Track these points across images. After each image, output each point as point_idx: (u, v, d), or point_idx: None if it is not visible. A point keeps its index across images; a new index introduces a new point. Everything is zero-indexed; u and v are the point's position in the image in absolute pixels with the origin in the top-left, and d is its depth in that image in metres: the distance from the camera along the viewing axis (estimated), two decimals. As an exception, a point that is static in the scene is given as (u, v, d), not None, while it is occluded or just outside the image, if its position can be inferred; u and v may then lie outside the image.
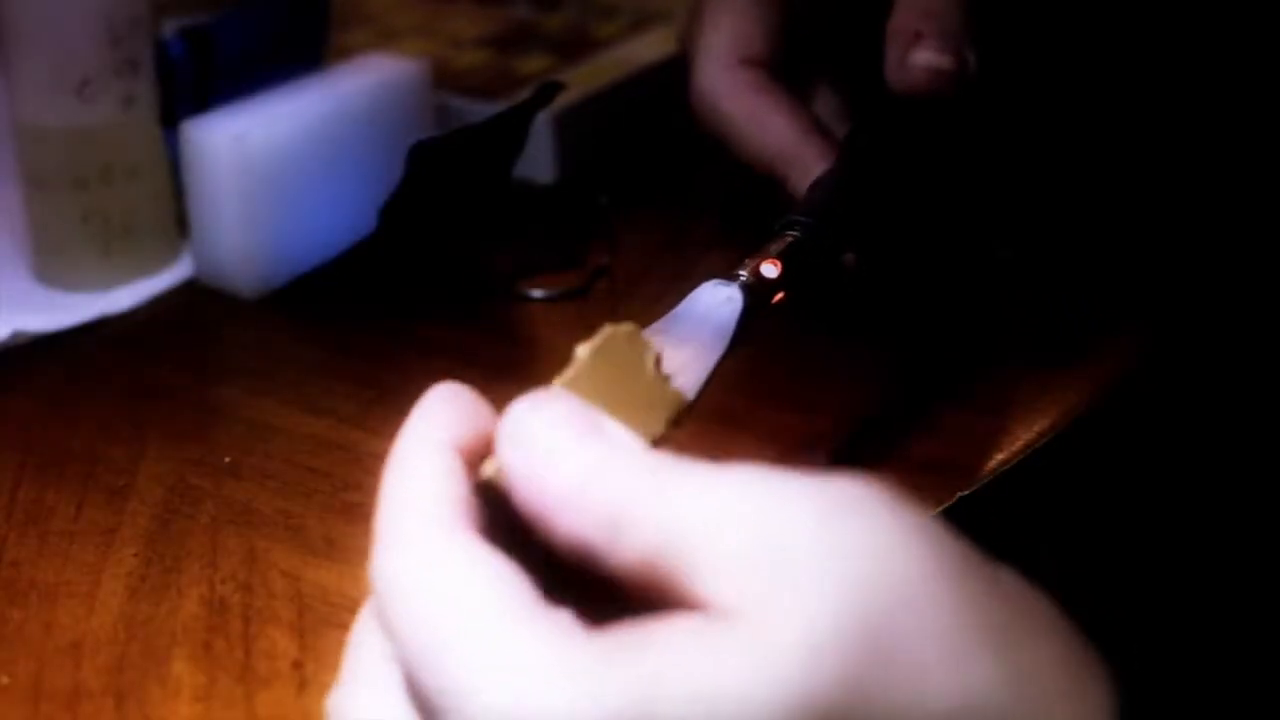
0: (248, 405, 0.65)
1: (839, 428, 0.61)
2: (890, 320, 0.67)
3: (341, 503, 0.58)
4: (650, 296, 0.70)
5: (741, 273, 0.54)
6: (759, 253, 0.55)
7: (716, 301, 0.54)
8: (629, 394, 0.45)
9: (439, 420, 0.42)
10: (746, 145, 0.64)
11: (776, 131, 0.63)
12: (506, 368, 0.67)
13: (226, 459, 0.61)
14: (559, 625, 0.36)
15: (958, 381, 0.63)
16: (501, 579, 0.37)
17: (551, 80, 0.72)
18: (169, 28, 0.74)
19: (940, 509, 0.56)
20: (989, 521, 0.58)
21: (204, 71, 0.73)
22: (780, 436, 0.61)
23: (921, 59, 0.61)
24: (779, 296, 0.55)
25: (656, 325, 0.55)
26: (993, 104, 0.66)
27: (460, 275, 0.72)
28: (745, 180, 0.74)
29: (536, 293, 0.71)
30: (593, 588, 0.38)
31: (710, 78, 0.65)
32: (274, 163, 0.70)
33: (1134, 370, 0.64)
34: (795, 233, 0.57)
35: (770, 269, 0.55)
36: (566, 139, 0.79)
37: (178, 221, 0.73)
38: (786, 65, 0.65)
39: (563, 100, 0.75)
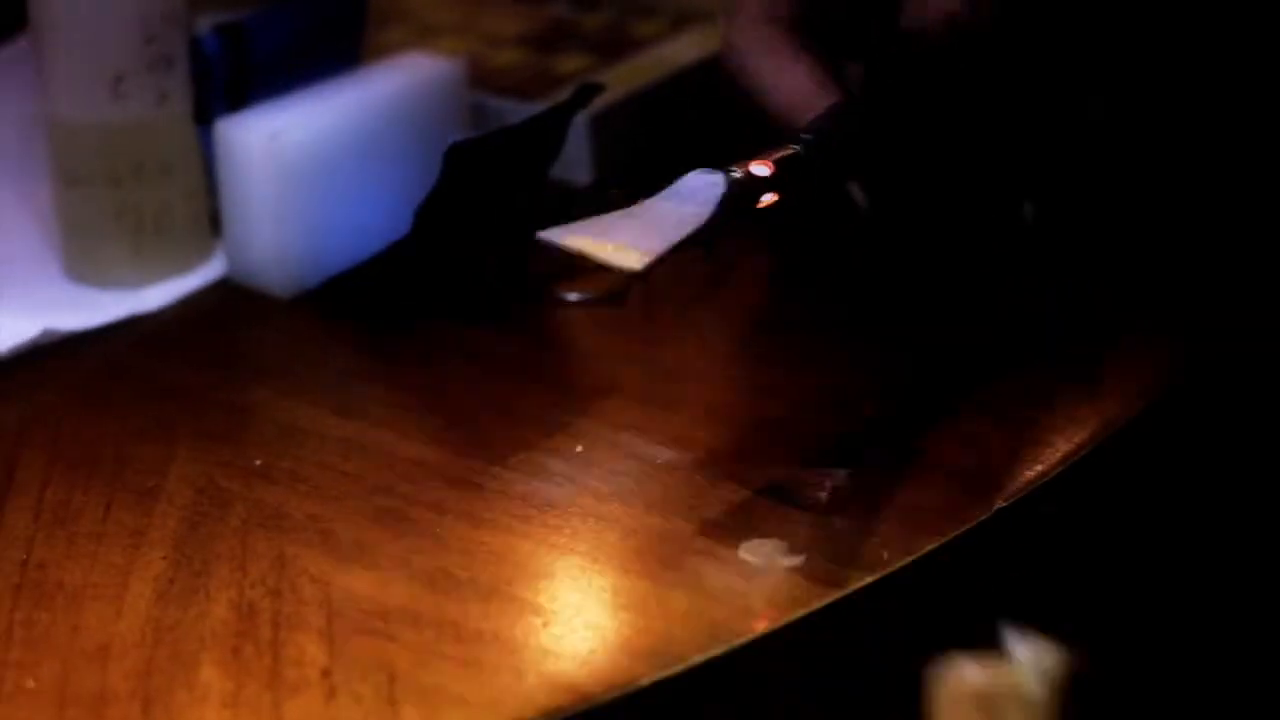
0: (279, 407, 0.64)
1: (868, 433, 0.60)
2: (907, 290, 0.67)
3: (373, 507, 0.58)
4: (687, 300, 0.69)
5: (733, 168, 0.55)
6: (755, 155, 0.56)
7: (699, 185, 0.54)
8: None
9: None
10: (767, 96, 0.64)
11: (795, 83, 0.64)
12: (541, 372, 0.66)
13: (257, 461, 0.60)
14: None
15: (994, 390, 0.62)
16: None
17: (590, 82, 0.72)
18: (204, 24, 0.74)
19: (978, 522, 0.56)
20: (1025, 535, 0.58)
21: (239, 69, 0.73)
22: (808, 440, 0.60)
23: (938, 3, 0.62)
24: (768, 200, 0.56)
25: (634, 208, 0.54)
26: (1016, 55, 0.66)
27: (495, 278, 0.71)
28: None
29: (572, 296, 0.70)
30: None
31: (739, 32, 0.66)
32: (309, 162, 0.69)
33: (1174, 382, 0.63)
34: (795, 147, 0.57)
35: (761, 168, 0.56)
36: (604, 140, 0.79)
37: (210, 220, 0.73)
38: (811, 28, 0.66)
39: (601, 101, 0.74)
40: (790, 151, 0.57)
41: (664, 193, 0.54)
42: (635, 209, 0.54)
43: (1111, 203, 0.72)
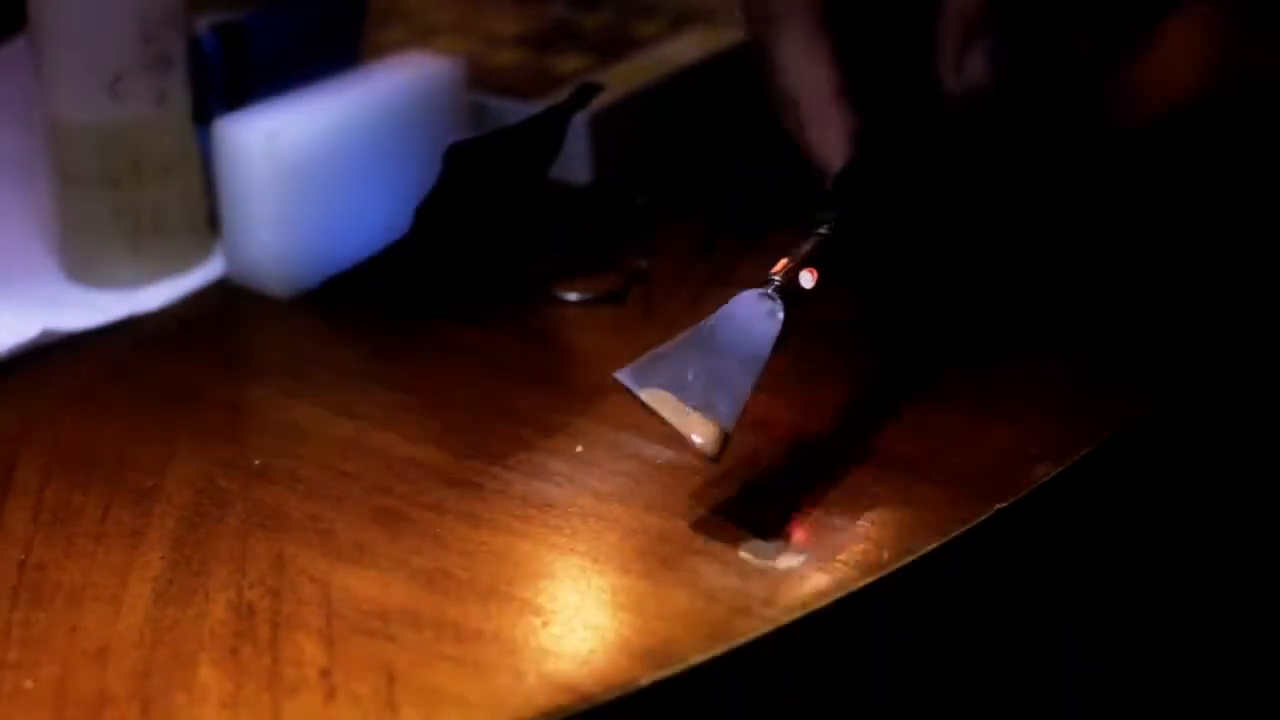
0: (278, 407, 0.64)
1: (866, 436, 0.60)
2: (907, 293, 0.67)
3: (372, 507, 0.58)
4: (687, 300, 0.69)
5: (776, 277, 0.55)
6: (794, 258, 0.56)
7: (757, 315, 0.54)
8: None
9: None
10: (777, 78, 0.64)
11: (814, 82, 0.63)
12: (541, 372, 0.66)
13: (256, 461, 0.60)
14: None
15: (993, 390, 0.62)
16: None
17: (589, 82, 0.72)
18: (203, 24, 0.74)
19: (978, 522, 0.55)
20: (1023, 537, 0.58)
21: (238, 68, 0.73)
22: (811, 443, 0.60)
23: (974, 66, 0.61)
24: (810, 283, 0.56)
25: (691, 334, 0.54)
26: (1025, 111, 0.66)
27: (495, 278, 0.71)
28: (784, 183, 0.73)
29: (572, 296, 0.70)
30: None
31: (780, 3, 0.65)
32: (308, 161, 0.69)
33: (1175, 388, 0.63)
34: (822, 230, 0.57)
35: (808, 279, 0.55)
36: (604, 140, 0.78)
37: (209, 220, 0.73)
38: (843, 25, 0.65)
39: (600, 100, 0.74)
40: (820, 239, 0.57)
41: (720, 317, 0.55)
42: (696, 340, 0.54)
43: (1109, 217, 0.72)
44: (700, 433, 0.54)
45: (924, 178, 0.63)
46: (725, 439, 0.54)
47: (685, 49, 0.84)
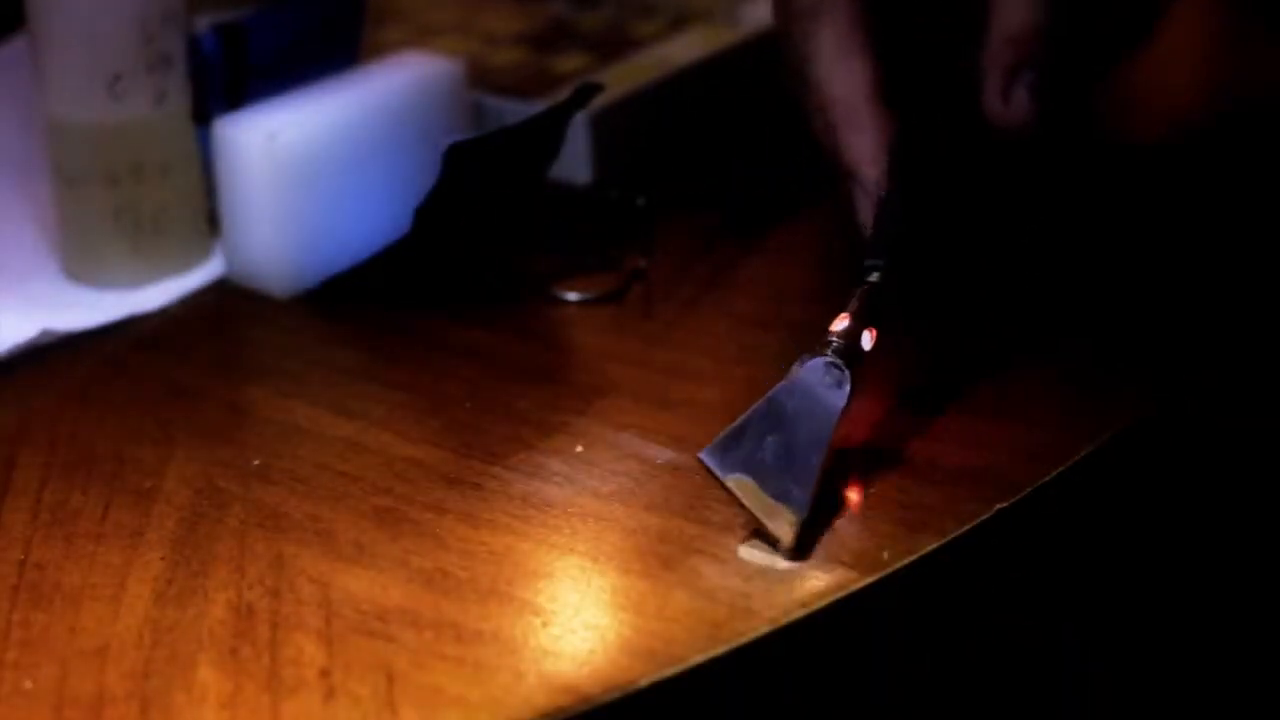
0: (278, 407, 0.64)
1: (871, 434, 0.60)
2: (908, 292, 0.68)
3: (372, 507, 0.58)
4: (687, 300, 0.69)
5: (835, 340, 0.56)
6: (851, 317, 0.57)
7: (824, 385, 0.55)
8: None
9: None
10: (808, 73, 0.62)
11: (850, 82, 0.61)
12: (541, 372, 0.66)
13: (255, 461, 0.60)
14: None
15: (994, 390, 0.62)
16: None
17: (589, 82, 0.72)
18: (203, 23, 0.74)
19: (978, 522, 0.55)
20: (1023, 537, 0.58)
21: (237, 68, 0.73)
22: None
23: (1022, 96, 0.61)
24: (869, 343, 0.57)
25: (763, 405, 0.55)
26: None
27: (495, 278, 0.71)
28: (784, 183, 0.73)
29: (572, 296, 0.70)
30: None
31: None
32: (307, 161, 0.69)
33: (1175, 388, 0.63)
34: (871, 279, 0.58)
35: (867, 340, 0.57)
36: (603, 140, 0.78)
37: (209, 220, 0.73)
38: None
39: (600, 100, 0.74)
40: (870, 289, 0.58)
41: (790, 387, 0.55)
42: (768, 414, 0.55)
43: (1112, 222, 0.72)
44: (780, 528, 0.54)
45: (960, 201, 0.63)
46: (801, 528, 0.54)
47: (684, 49, 0.84)
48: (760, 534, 0.55)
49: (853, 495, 0.57)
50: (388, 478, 0.59)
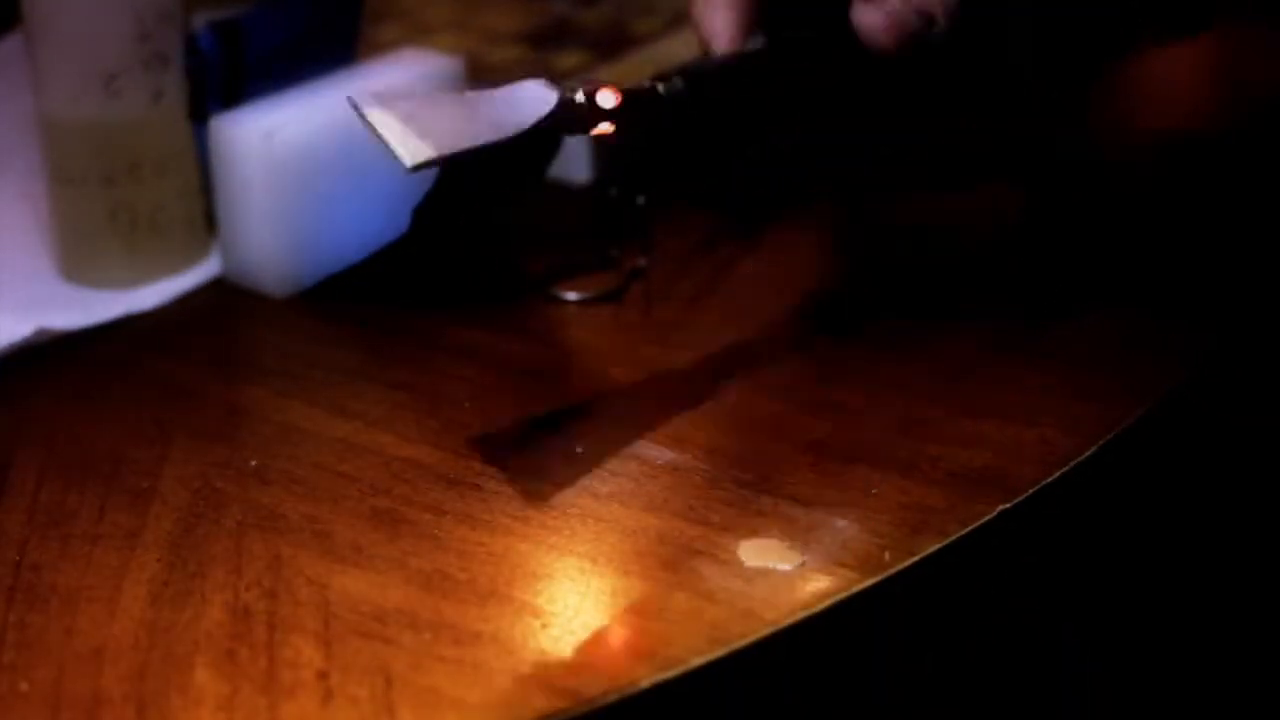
0: (275, 407, 0.64)
1: (867, 436, 0.60)
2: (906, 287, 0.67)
3: (369, 508, 0.57)
4: (687, 300, 0.69)
5: (580, 87, 0.55)
6: (614, 84, 0.56)
7: (532, 96, 0.54)
8: None
9: None
10: (698, 26, 0.64)
11: (717, 19, 0.63)
12: (539, 371, 0.66)
13: (253, 462, 0.60)
14: None
15: (994, 390, 0.62)
16: None
17: (592, 79, 0.71)
18: (199, 21, 0.74)
19: (978, 522, 0.55)
20: (1023, 537, 0.57)
21: (234, 66, 0.73)
22: (817, 443, 0.60)
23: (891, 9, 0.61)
24: (604, 129, 0.56)
25: (462, 97, 0.54)
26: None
27: (493, 277, 0.71)
28: (784, 183, 0.73)
29: (570, 295, 0.70)
30: None
31: None
32: (305, 160, 0.69)
33: (1179, 385, 0.63)
34: (661, 85, 0.57)
35: (609, 98, 0.55)
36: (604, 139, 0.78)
37: (206, 219, 0.72)
38: None
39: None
40: (649, 88, 0.56)
41: (498, 91, 0.54)
42: (462, 98, 0.53)
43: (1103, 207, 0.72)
44: (405, 150, 0.52)
45: (782, 85, 0.63)
46: (432, 161, 0.52)
47: (683, 47, 0.84)
48: (749, 534, 0.54)
49: (853, 496, 0.57)
50: (386, 478, 0.59)
